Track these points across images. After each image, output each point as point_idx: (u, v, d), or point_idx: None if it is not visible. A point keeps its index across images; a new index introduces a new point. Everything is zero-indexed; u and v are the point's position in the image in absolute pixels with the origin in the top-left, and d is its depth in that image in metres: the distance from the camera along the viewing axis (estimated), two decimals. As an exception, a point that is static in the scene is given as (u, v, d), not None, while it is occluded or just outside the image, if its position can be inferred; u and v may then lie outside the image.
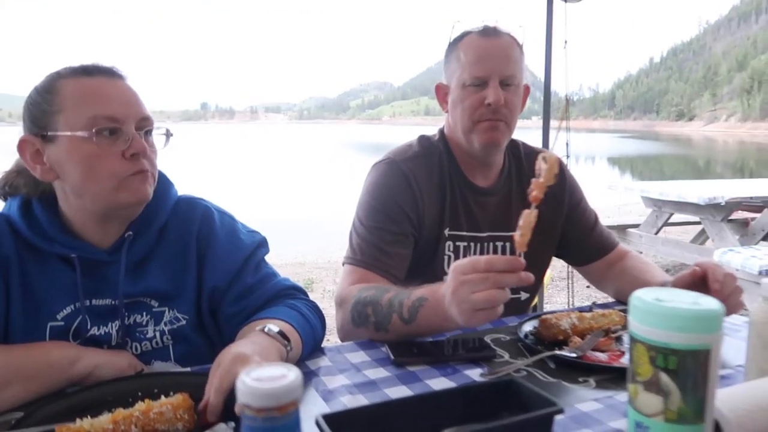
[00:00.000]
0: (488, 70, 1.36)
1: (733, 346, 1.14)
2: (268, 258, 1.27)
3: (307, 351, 1.11)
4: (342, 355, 1.14)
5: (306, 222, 9.07)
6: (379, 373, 1.05)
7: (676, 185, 5.84)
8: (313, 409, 0.91)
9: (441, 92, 1.51)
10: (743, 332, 1.16)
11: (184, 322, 1.14)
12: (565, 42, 3.37)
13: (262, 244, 1.24)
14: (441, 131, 1.53)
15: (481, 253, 1.48)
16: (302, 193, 13.33)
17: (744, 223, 6.30)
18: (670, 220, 5.84)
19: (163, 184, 1.17)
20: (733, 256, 4.19)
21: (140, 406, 0.81)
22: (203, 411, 0.84)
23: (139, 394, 0.90)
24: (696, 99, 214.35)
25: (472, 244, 1.47)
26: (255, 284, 1.18)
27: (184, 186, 1.26)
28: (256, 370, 0.48)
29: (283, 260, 6.27)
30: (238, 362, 0.87)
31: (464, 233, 1.46)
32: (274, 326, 1.02)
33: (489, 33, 1.41)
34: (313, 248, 6.96)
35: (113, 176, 1.02)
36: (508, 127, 1.41)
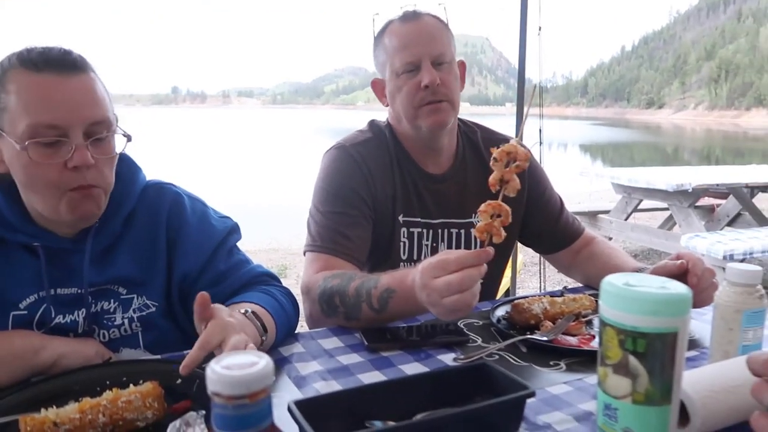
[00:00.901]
0: (417, 53, 1.35)
1: (697, 329, 1.17)
2: (240, 244, 1.25)
3: (281, 335, 1.10)
4: (315, 341, 1.13)
5: (280, 208, 9.01)
6: (353, 358, 1.05)
7: (645, 172, 5.95)
8: (286, 396, 0.90)
9: (378, 87, 1.49)
10: (708, 315, 1.19)
11: (153, 309, 1.12)
12: (539, 28, 3.38)
13: (234, 230, 1.23)
14: (387, 121, 1.52)
15: (435, 239, 1.48)
16: (276, 179, 13.21)
17: (710, 210, 6.48)
18: (640, 207, 5.96)
19: (130, 169, 1.14)
20: (699, 242, 4.30)
21: (108, 394, 0.79)
22: (185, 365, 0.81)
23: (107, 382, 0.88)
24: (666, 87, 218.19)
25: (425, 231, 1.47)
26: (227, 271, 1.17)
27: (154, 171, 1.23)
28: (226, 357, 0.48)
29: (256, 246, 6.22)
30: (230, 330, 0.85)
31: (418, 219, 1.46)
32: (251, 309, 1.01)
33: (409, 17, 1.40)
34: (287, 234, 6.92)
35: (53, 188, 0.96)
36: (452, 106, 1.40)
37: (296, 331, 1.18)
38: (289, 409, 0.73)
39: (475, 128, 1.57)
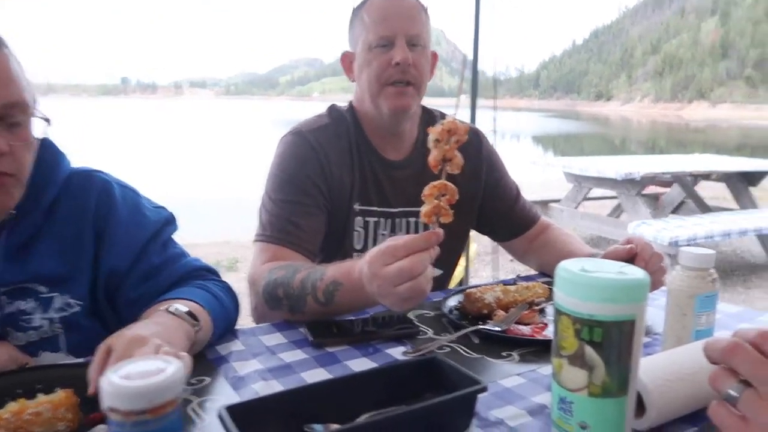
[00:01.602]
0: (394, 28, 1.31)
1: (649, 315, 1.15)
2: (190, 237, 1.16)
3: (218, 332, 1.02)
4: (256, 338, 1.06)
5: (232, 200, 8.79)
6: (296, 355, 0.98)
7: (595, 161, 6.06)
8: (221, 400, 0.83)
9: (347, 60, 1.43)
10: (658, 300, 1.18)
11: (77, 308, 1.02)
12: (494, 16, 3.36)
13: (169, 221, 1.13)
14: (350, 104, 1.46)
15: (393, 229, 1.43)
16: (229, 171, 12.92)
17: (655, 198, 6.67)
18: (589, 195, 6.08)
19: (52, 155, 1.03)
20: (645, 229, 4.40)
21: (12, 406, 0.70)
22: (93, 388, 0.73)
23: (19, 391, 0.79)
24: (614, 80, 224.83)
25: (382, 220, 1.41)
26: (160, 265, 1.08)
27: (99, 164, 1.13)
28: (126, 364, 0.40)
29: (207, 239, 6.04)
30: (134, 345, 0.77)
31: (374, 208, 1.40)
32: (181, 306, 0.93)
33: None
34: (239, 227, 6.75)
35: None
36: (418, 91, 1.36)
37: (236, 328, 1.11)
38: (220, 417, 0.66)
39: (434, 113, 1.52)
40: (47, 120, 0.95)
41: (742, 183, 6.02)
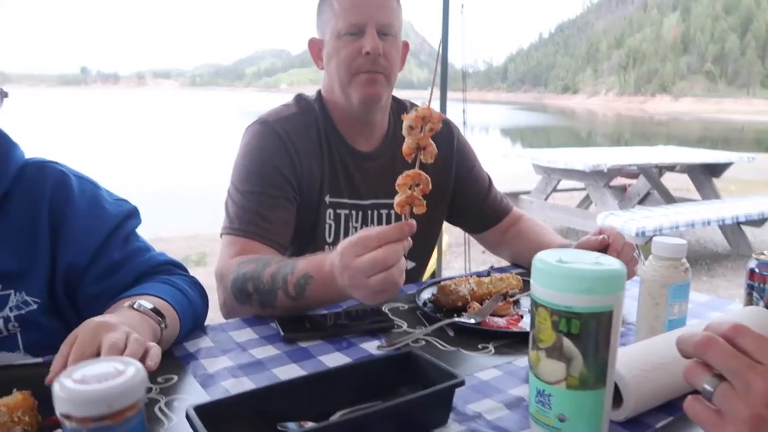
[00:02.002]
0: (365, 15, 1.27)
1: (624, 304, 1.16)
2: (156, 231, 1.12)
3: (186, 329, 0.99)
4: (226, 334, 1.02)
5: (199, 192, 8.64)
6: (268, 351, 0.95)
7: (563, 153, 6.14)
8: (189, 400, 0.80)
9: (315, 48, 1.39)
10: (633, 290, 1.18)
11: (34, 306, 0.97)
12: (462, 6, 3.35)
13: (131, 214, 1.09)
14: (318, 92, 1.43)
15: (364, 221, 1.40)
16: (195, 163, 12.69)
17: (622, 189, 6.80)
18: (558, 187, 6.16)
19: (3, 145, 0.98)
20: (613, 219, 4.48)
21: (-36, 410, 0.66)
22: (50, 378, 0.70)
23: (-28, 394, 0.74)
24: (580, 73, 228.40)
25: (353, 212, 1.39)
26: (122, 260, 1.03)
27: (58, 156, 1.07)
28: (81, 367, 0.37)
29: (175, 233, 5.92)
30: (101, 330, 0.74)
31: (345, 200, 1.37)
32: (146, 302, 0.89)
33: None
34: (208, 220, 6.64)
35: None
36: (388, 81, 1.33)
37: (206, 323, 1.07)
38: (187, 416, 0.63)
39: (405, 103, 1.50)
40: (4, 94, 0.90)
41: (704, 174, 6.18)
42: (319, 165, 1.34)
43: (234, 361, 0.92)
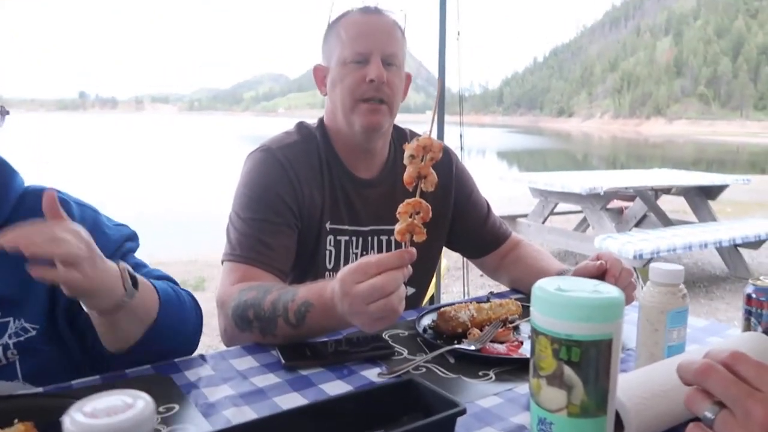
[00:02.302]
0: (370, 45, 1.30)
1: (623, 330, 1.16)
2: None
3: (167, 322, 0.98)
4: (226, 362, 1.02)
5: (199, 217, 8.65)
6: (269, 379, 0.95)
7: (560, 176, 6.18)
8: (191, 429, 0.80)
9: (320, 74, 1.42)
10: (631, 315, 1.19)
11: (33, 332, 0.97)
12: (458, 33, 3.40)
13: (130, 238, 1.10)
14: (320, 120, 1.45)
15: (364, 248, 1.41)
16: (194, 187, 12.72)
17: (619, 212, 6.83)
18: (555, 210, 6.18)
19: (4, 173, 0.99)
20: (611, 242, 4.49)
21: (-35, 442, 0.66)
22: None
23: (-27, 425, 0.74)
24: (575, 97, 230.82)
25: (354, 239, 1.40)
26: None
27: (57, 182, 1.09)
28: (91, 400, 0.38)
29: (174, 258, 5.91)
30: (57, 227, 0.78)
31: (346, 227, 1.39)
32: (130, 269, 0.91)
33: (370, 11, 1.36)
34: (206, 245, 6.63)
35: None
36: (390, 109, 1.35)
37: (204, 352, 1.07)
38: (190, 447, 0.63)
39: (405, 131, 1.52)
40: (5, 111, 0.92)
41: (700, 197, 6.22)
42: (320, 192, 1.35)
43: (235, 390, 0.91)
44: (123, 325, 0.92)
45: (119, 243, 1.06)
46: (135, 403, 0.38)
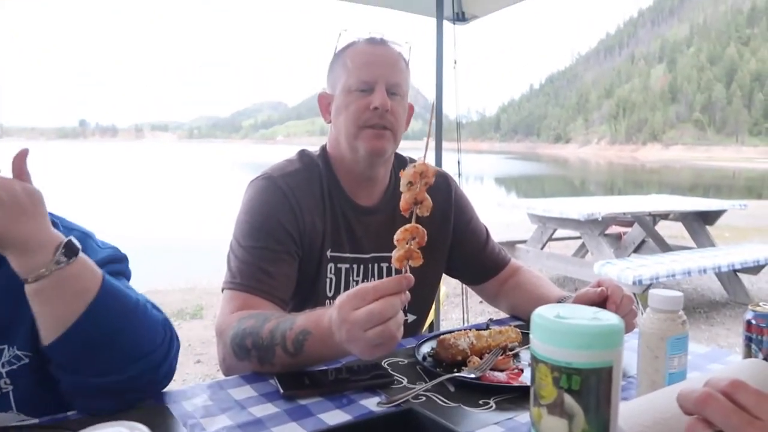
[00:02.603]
0: (375, 74, 1.33)
1: (624, 357, 1.16)
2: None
3: (106, 316, 0.89)
4: (224, 392, 1.01)
5: (197, 245, 8.64)
6: (267, 409, 0.94)
7: (558, 202, 6.21)
8: (187, 460, 0.79)
9: (324, 102, 1.44)
10: (632, 342, 1.18)
11: (26, 360, 0.95)
12: (455, 62, 3.45)
13: (117, 259, 1.06)
14: (323, 148, 1.46)
15: (365, 275, 1.41)
16: (193, 215, 12.73)
17: (617, 237, 6.83)
18: (554, 236, 6.19)
19: None
20: (610, 268, 4.48)
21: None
22: None
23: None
24: (571, 123, 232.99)
25: (355, 266, 1.40)
26: None
27: (56, 208, 1.08)
28: (92, 431, 0.38)
29: (172, 286, 5.88)
30: None
31: (347, 255, 1.39)
32: (75, 242, 0.88)
33: (376, 42, 1.39)
34: (205, 272, 6.61)
35: None
36: (394, 137, 1.37)
37: (203, 382, 1.06)
38: (187, 480, 0.62)
39: (405, 159, 1.54)
40: None
41: (698, 222, 6.23)
42: (322, 220, 1.36)
43: (233, 420, 0.91)
44: (53, 301, 0.86)
45: (103, 263, 1.03)
46: (133, 434, 0.37)
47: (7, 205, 0.82)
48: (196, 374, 3.50)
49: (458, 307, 4.58)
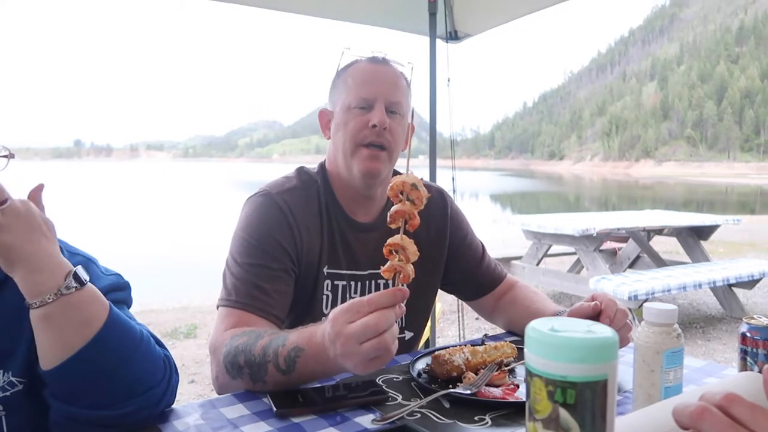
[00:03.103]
0: (375, 92, 1.33)
1: (620, 372, 1.15)
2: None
3: (111, 345, 0.89)
4: (216, 410, 1.00)
5: (191, 264, 8.60)
6: (260, 428, 0.93)
7: (553, 218, 6.22)
8: (178, 480, 0.77)
9: (324, 118, 1.45)
10: (625, 357, 1.18)
11: (20, 386, 0.94)
12: (448, 80, 3.48)
13: (120, 287, 1.06)
14: (321, 165, 1.46)
15: (362, 292, 1.40)
16: (189, 235, 12.70)
17: (612, 253, 6.84)
18: (549, 252, 6.19)
19: None
20: (605, 284, 4.48)
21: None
22: None
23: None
24: (565, 140, 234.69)
25: (352, 283, 1.39)
26: None
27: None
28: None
29: (166, 305, 5.84)
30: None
31: (343, 271, 1.38)
32: (84, 274, 0.89)
33: (378, 61, 1.39)
34: (199, 291, 6.58)
35: None
36: (390, 157, 1.37)
37: (195, 401, 1.05)
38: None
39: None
40: (10, 155, 0.91)
41: (692, 237, 6.25)
42: (319, 237, 1.35)
43: (225, 439, 0.89)
44: (60, 327, 0.86)
45: (106, 290, 1.03)
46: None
47: (23, 216, 0.83)
48: (190, 394, 3.46)
49: (454, 324, 4.56)
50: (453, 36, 3.47)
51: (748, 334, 0.98)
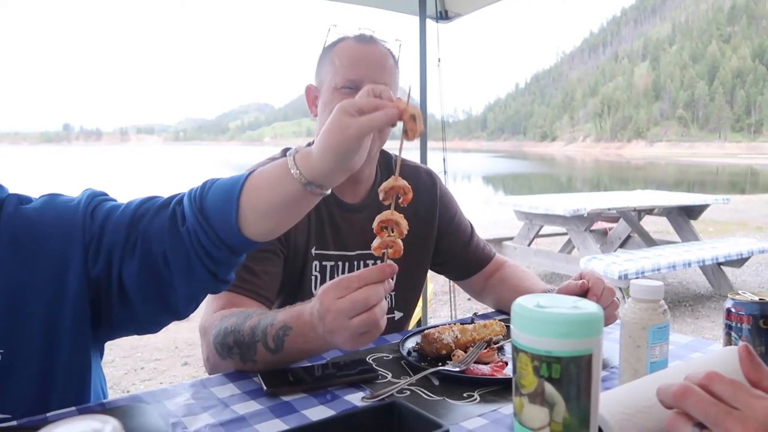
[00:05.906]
0: (361, 74, 1.32)
1: (607, 348, 1.16)
2: None
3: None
4: (207, 390, 1.01)
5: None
6: (250, 406, 0.94)
7: (544, 199, 6.24)
8: (168, 458, 0.78)
9: (311, 95, 1.43)
10: (613, 334, 1.19)
11: None
12: (439, 60, 3.46)
13: (94, 195, 1.04)
14: (309, 144, 1.46)
15: (350, 272, 1.41)
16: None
17: (603, 233, 6.89)
18: (541, 233, 6.22)
19: None
20: (596, 263, 4.51)
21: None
22: None
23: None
24: (557, 121, 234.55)
25: (339, 263, 1.40)
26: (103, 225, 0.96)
27: None
28: (58, 426, 0.37)
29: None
30: None
31: (331, 252, 1.39)
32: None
33: (365, 40, 1.38)
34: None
35: None
36: (379, 136, 1.36)
37: (185, 381, 1.05)
38: (166, 477, 0.61)
39: (391, 156, 1.53)
40: None
41: (682, 217, 6.30)
42: (306, 218, 1.35)
43: (215, 418, 0.90)
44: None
45: (88, 201, 1.00)
46: (103, 428, 0.37)
47: None
48: (183, 376, 3.48)
49: (446, 305, 4.59)
50: (443, 15, 3.44)
51: (733, 310, 0.99)
